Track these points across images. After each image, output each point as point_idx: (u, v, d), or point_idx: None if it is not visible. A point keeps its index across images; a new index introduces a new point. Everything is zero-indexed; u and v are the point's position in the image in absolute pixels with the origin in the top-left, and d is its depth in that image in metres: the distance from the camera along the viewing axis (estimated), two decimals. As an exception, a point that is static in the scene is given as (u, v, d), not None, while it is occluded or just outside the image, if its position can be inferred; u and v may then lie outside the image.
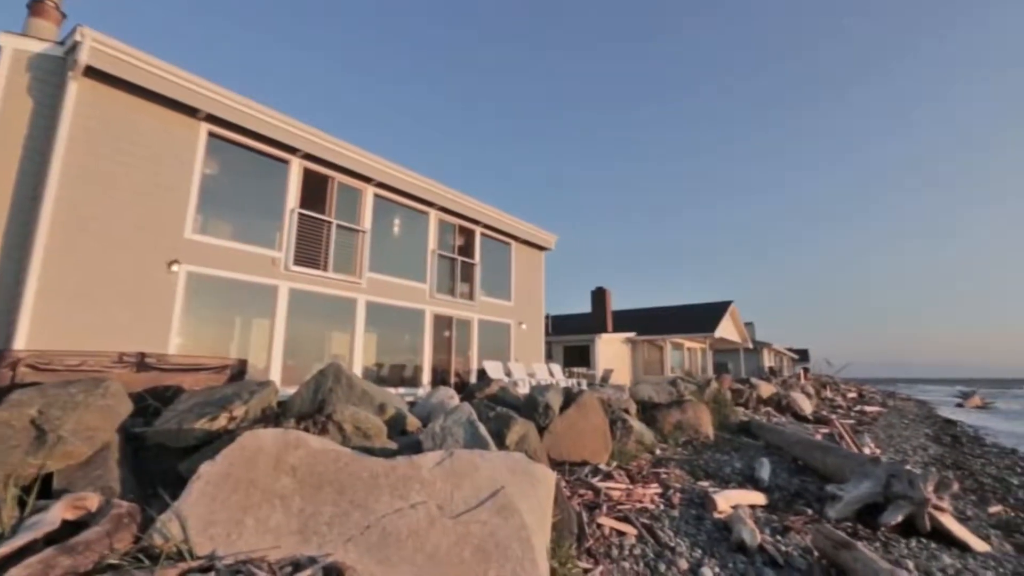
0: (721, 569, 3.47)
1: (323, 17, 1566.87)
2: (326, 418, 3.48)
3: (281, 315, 9.45)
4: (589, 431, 5.49)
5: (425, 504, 2.77)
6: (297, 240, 9.80)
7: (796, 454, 7.29)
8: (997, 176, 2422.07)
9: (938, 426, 17.97)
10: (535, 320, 16.07)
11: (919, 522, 4.56)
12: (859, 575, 3.29)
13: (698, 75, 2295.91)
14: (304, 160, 10.16)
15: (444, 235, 13.62)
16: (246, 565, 2.43)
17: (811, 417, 13.31)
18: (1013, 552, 4.54)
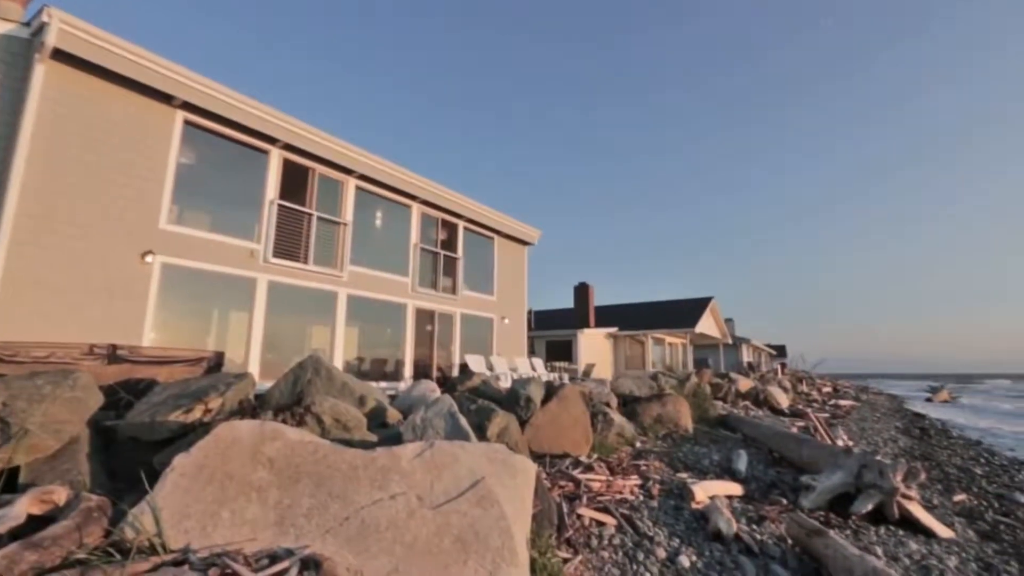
0: (698, 557, 3.53)
1: (301, 9, 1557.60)
2: (304, 410, 3.43)
3: (260, 308, 9.30)
4: (570, 424, 5.52)
5: (405, 495, 2.75)
6: (277, 232, 9.63)
7: (772, 446, 7.44)
8: (962, 176, 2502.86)
9: (908, 419, 18.53)
10: (518, 315, 16.09)
11: (888, 510, 4.70)
12: (830, 561, 3.37)
13: (674, 73, 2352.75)
14: (284, 151, 9.98)
15: (427, 229, 13.53)
16: (221, 558, 2.39)
17: (787, 411, 13.61)
18: (976, 538, 4.71)
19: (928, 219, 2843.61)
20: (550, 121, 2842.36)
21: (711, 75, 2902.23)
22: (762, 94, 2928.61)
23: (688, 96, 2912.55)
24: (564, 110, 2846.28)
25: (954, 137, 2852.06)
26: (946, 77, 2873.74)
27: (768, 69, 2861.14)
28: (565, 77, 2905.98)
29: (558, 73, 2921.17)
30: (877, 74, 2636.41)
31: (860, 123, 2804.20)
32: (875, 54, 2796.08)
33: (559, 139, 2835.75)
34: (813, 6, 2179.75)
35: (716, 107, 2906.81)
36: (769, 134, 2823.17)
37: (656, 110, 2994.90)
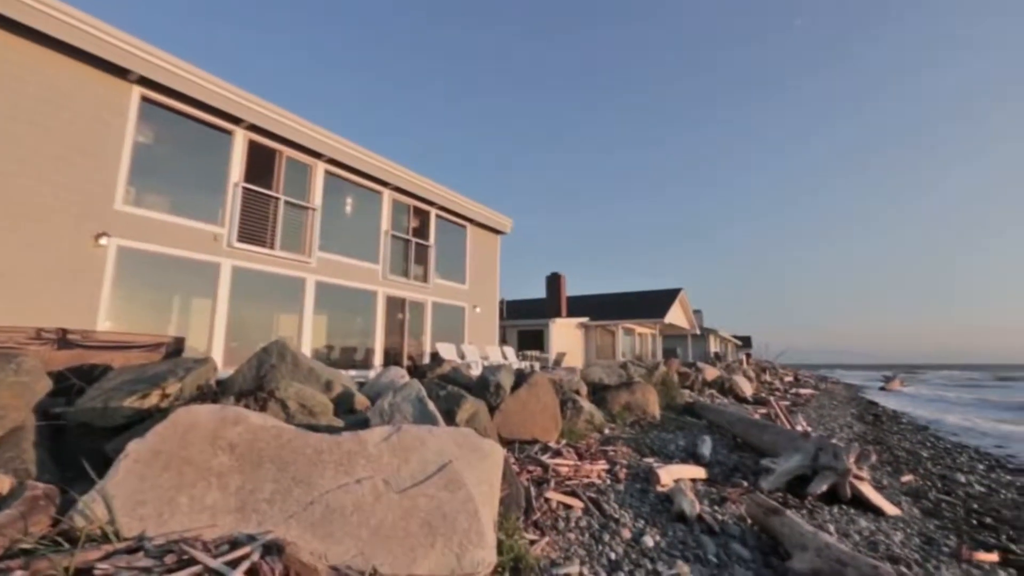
0: (661, 537, 3.62)
1: None
2: (268, 395, 3.35)
3: (224, 294, 9.01)
4: (539, 410, 5.56)
5: (371, 479, 2.72)
6: (242, 216, 9.33)
7: (736, 432, 7.67)
8: (925, 174, 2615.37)
9: (862, 407, 19.40)
10: (490, 303, 16.07)
11: (841, 491, 4.92)
12: (786, 538, 3.50)
13: (649, 68, 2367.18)
14: (249, 132, 9.64)
15: (398, 216, 13.34)
16: (179, 544, 2.32)
17: (751, 399, 14.04)
18: (920, 515, 4.98)
19: (884, 218, 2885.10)
20: (524, 112, 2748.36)
21: (681, 73, 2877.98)
22: (728, 92, 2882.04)
23: (660, 91, 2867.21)
24: (538, 101, 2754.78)
25: (916, 135, 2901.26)
26: (910, 73, 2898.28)
27: (736, 66, 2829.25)
28: (541, 70, 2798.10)
29: (533, 65, 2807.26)
30: (844, 70, 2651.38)
31: (818, 123, 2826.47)
32: (842, 51, 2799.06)
33: (534, 130, 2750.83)
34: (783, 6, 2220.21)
35: (688, 103, 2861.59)
36: (738, 130, 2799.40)
37: (624, 107, 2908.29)
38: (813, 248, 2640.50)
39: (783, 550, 3.52)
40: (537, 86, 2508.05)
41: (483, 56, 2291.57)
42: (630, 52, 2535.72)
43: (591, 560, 3.14)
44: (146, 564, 2.17)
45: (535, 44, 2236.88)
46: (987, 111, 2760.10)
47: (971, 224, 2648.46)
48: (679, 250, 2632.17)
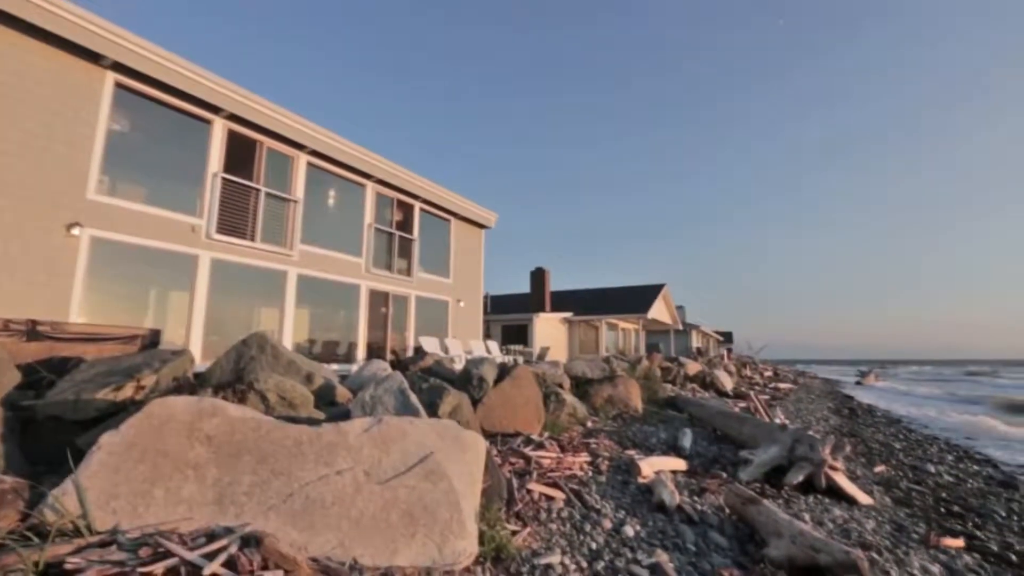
0: (642, 527, 3.66)
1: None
2: (247, 387, 3.30)
3: (202, 287, 8.85)
4: (522, 403, 5.57)
5: (352, 470, 2.71)
6: (221, 207, 9.15)
7: (716, 425, 7.79)
8: (892, 170, 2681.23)
9: (839, 400, 19.85)
10: (474, 298, 16.05)
11: (817, 481, 5.03)
12: (763, 526, 3.57)
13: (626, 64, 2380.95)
14: (229, 121, 9.45)
15: (382, 209, 13.22)
16: (153, 537, 2.28)
17: (731, 393, 14.26)
18: (891, 504, 5.12)
19: (856, 216, 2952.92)
20: (505, 107, 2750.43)
21: (651, 72, 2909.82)
22: (709, 87, 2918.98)
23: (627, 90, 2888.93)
24: (520, 96, 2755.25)
25: (892, 131, 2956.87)
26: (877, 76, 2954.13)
27: (718, 63, 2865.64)
28: (522, 63, 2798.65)
29: (516, 59, 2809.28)
30: (822, 66, 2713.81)
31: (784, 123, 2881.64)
32: (819, 47, 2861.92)
33: (513, 126, 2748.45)
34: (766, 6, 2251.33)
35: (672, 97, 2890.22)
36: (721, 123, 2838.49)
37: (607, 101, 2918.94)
38: (792, 246, 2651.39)
39: (759, 538, 3.59)
40: (519, 78, 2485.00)
41: (464, 48, 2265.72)
42: (612, 45, 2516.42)
43: (572, 550, 3.17)
44: (119, 557, 2.13)
45: (518, 36, 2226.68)
46: (950, 113, 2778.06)
47: (936, 224, 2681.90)
48: (662, 246, 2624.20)
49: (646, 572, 2.98)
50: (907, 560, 3.56)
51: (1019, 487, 6.80)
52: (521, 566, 2.81)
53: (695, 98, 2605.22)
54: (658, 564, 3.08)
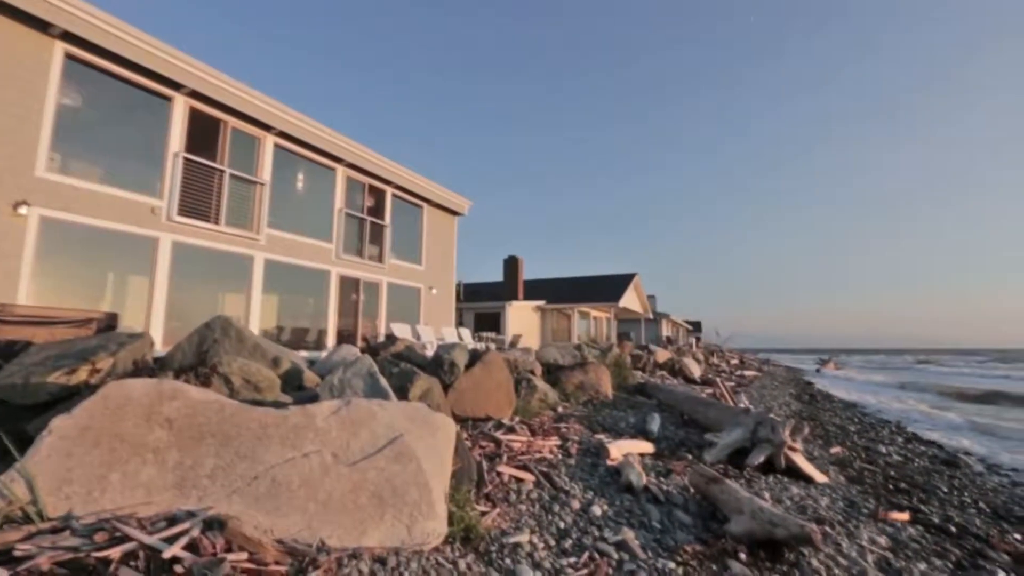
0: (609, 507, 3.74)
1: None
2: (210, 370, 3.20)
3: (163, 271, 8.53)
4: (494, 388, 5.59)
5: (319, 453, 2.67)
6: (183, 188, 8.81)
7: (684, 410, 7.98)
8: (856, 164, 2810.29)
9: (800, 387, 20.64)
10: (446, 285, 15.96)
11: (777, 461, 5.22)
12: (725, 504, 3.70)
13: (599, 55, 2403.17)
14: (191, 99, 9.07)
15: (352, 194, 12.96)
16: (110, 522, 2.21)
17: (699, 380, 14.63)
18: (845, 482, 5.37)
19: (814, 208, 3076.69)
20: (479, 95, 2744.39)
21: (625, 62, 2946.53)
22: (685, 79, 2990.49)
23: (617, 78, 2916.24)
24: (493, 84, 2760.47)
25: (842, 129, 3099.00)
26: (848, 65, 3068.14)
27: (694, 55, 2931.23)
28: (499, 51, 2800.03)
29: (492, 47, 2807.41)
30: (793, 54, 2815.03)
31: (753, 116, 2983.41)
32: (793, 39, 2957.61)
33: (489, 113, 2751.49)
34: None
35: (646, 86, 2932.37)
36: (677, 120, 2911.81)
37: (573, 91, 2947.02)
38: (758, 239, 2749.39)
39: (722, 515, 3.72)
40: (495, 67, 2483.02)
41: (438, 35, 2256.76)
42: (589, 35, 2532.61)
43: (541, 529, 3.21)
44: (73, 543, 2.06)
45: (494, 23, 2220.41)
46: (912, 111, 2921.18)
47: (881, 222, 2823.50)
48: (634, 236, 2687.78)
49: (612, 548, 3.06)
50: (857, 533, 3.75)
51: (960, 466, 7.23)
52: (490, 545, 2.84)
53: (661, 94, 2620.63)
54: (624, 541, 3.16)
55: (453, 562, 2.57)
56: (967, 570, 3.43)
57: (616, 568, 2.85)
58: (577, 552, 2.97)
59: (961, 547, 3.83)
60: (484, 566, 2.63)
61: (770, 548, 3.21)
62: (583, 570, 2.75)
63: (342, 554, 2.38)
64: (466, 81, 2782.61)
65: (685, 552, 3.14)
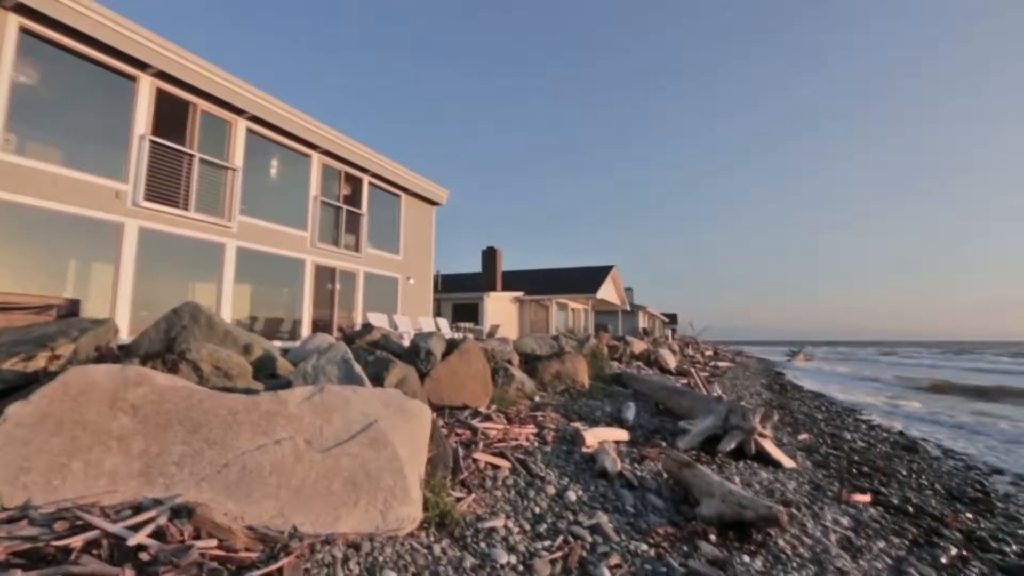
0: (584, 492, 3.79)
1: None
2: (178, 356, 3.11)
3: (129, 257, 8.24)
4: (470, 377, 5.59)
5: (292, 439, 2.63)
6: (149, 172, 8.50)
7: (659, 399, 8.12)
8: (823, 157, 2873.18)
9: (771, 377, 21.19)
10: (424, 275, 15.84)
11: (747, 447, 5.36)
12: (696, 488, 3.78)
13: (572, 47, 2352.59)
14: (158, 79, 8.74)
15: (328, 181, 12.71)
16: (71, 511, 2.14)
17: (674, 370, 14.88)
18: (811, 467, 5.55)
19: (783, 203, 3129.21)
20: (456, 91, 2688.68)
21: (602, 54, 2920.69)
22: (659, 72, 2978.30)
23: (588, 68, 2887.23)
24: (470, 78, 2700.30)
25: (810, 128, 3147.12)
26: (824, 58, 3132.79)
27: (670, 46, 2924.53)
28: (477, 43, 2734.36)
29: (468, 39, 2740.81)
30: (774, 50, 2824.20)
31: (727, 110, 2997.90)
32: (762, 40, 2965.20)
33: (465, 107, 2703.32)
34: None
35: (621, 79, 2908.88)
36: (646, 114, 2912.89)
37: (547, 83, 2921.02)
38: (732, 234, 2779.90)
39: (693, 499, 3.80)
40: (470, 57, 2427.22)
41: (411, 24, 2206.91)
42: (565, 26, 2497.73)
43: (516, 514, 3.24)
44: (31, 532, 1.99)
45: (466, 12, 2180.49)
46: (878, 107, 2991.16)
47: (842, 219, 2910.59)
48: (612, 229, 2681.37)
49: (587, 532, 3.10)
50: (822, 514, 3.89)
51: (919, 451, 7.54)
52: (465, 530, 2.85)
53: (640, 86, 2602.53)
54: (598, 524, 3.21)
55: (428, 547, 2.57)
56: (923, 547, 3.59)
57: (590, 551, 2.89)
58: (552, 536, 3.00)
59: (918, 526, 4.00)
60: (459, 550, 2.63)
61: (739, 529, 3.30)
62: (557, 553, 2.78)
63: (315, 540, 2.35)
64: (444, 71, 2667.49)
65: (657, 534, 3.20)
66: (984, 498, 5.20)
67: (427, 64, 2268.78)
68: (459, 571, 2.44)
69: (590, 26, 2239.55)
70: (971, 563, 3.45)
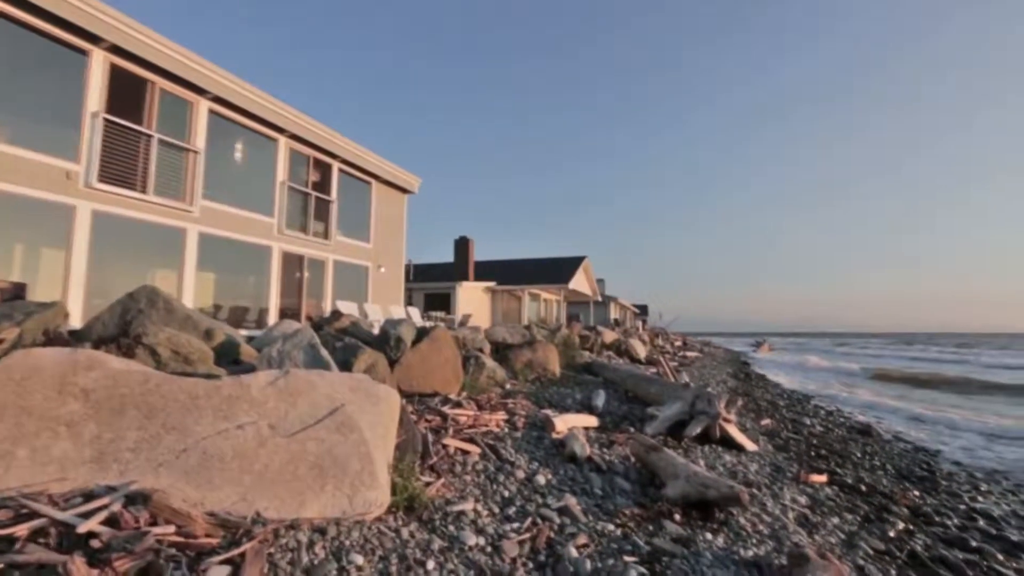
0: (553, 476, 3.83)
1: None
2: (134, 340, 2.98)
3: (81, 242, 7.85)
4: (441, 364, 5.56)
5: (255, 424, 2.57)
6: (104, 152, 8.09)
7: (628, 386, 8.25)
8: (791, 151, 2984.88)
9: (737, 366, 21.83)
10: (395, 264, 15.64)
11: (712, 432, 5.51)
12: (662, 470, 3.87)
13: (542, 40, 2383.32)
14: (111, 54, 8.30)
15: (296, 167, 12.37)
16: (15, 499, 2.04)
17: (644, 360, 15.13)
18: (773, 450, 5.75)
19: (746, 195, 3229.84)
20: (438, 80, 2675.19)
21: (576, 44, 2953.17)
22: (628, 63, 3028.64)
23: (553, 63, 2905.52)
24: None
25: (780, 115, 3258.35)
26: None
27: (637, 37, 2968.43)
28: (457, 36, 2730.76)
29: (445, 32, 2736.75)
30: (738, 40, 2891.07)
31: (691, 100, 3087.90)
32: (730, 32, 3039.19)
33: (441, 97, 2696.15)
34: None
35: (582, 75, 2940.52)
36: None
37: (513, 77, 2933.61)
38: (700, 228, 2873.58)
39: (659, 481, 3.89)
40: (442, 46, 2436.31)
41: (382, 12, 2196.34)
42: (536, 17, 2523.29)
43: (486, 498, 3.25)
44: (-28, 521, 1.89)
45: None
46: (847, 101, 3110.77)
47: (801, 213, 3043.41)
48: (585, 220, 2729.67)
49: (555, 514, 3.13)
50: (781, 494, 4.03)
51: (872, 435, 7.90)
52: (434, 513, 2.84)
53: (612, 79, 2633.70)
54: (566, 506, 3.25)
55: (396, 530, 2.55)
56: (873, 523, 3.77)
57: (558, 532, 2.93)
58: (520, 518, 3.02)
59: (869, 503, 4.20)
60: (427, 533, 2.63)
61: (703, 509, 3.39)
62: (526, 534, 2.80)
63: (279, 525, 2.31)
64: (417, 61, 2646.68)
65: (624, 515, 3.26)
66: (930, 477, 5.50)
67: (391, 51, 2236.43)
68: (427, 553, 2.43)
69: (570, 19, 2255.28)
70: (916, 536, 3.64)
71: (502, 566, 2.47)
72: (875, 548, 3.33)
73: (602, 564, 2.60)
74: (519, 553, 2.63)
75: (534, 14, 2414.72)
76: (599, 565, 2.59)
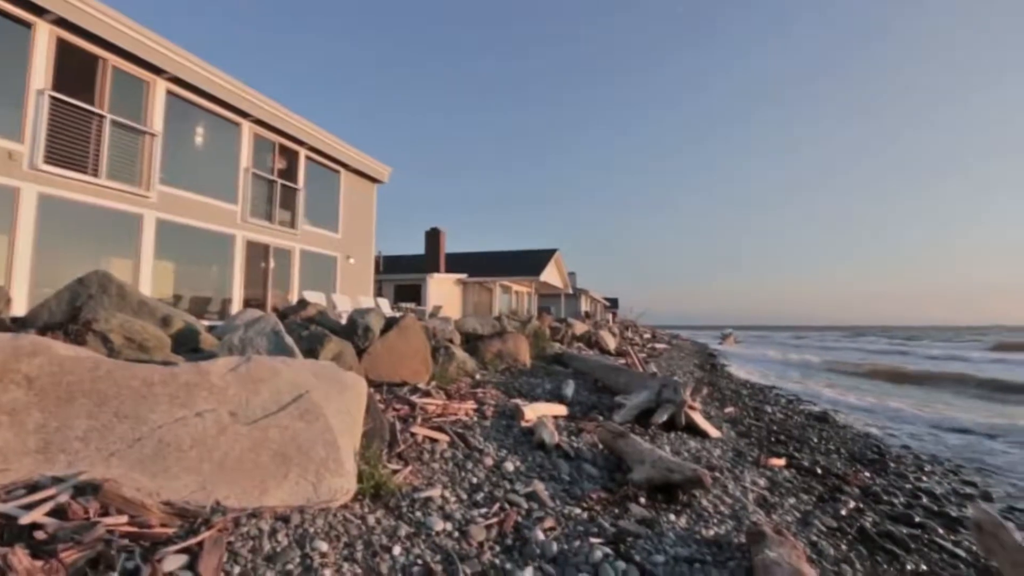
0: (522, 463, 3.85)
1: None
2: (84, 327, 2.84)
3: (26, 227, 7.44)
4: (410, 353, 5.51)
5: (215, 411, 2.49)
6: (50, 132, 7.67)
7: (598, 376, 8.36)
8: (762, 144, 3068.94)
9: (703, 358, 22.42)
10: (364, 254, 15.38)
11: (678, 419, 5.64)
12: (629, 456, 3.94)
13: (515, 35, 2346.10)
14: (57, 27, 7.84)
15: (261, 153, 11.99)
16: (-51, 493, 1.92)
17: (614, 352, 15.36)
18: (735, 436, 5.94)
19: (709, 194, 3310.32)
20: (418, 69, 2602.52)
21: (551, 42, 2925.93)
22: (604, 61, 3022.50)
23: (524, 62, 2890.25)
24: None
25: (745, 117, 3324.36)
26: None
27: (614, 37, 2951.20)
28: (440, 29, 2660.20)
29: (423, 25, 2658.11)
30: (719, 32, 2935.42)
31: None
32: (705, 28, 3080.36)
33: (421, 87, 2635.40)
34: None
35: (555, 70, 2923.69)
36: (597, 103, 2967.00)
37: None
38: (668, 223, 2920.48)
39: (626, 466, 3.96)
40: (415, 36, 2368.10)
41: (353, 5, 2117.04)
42: (515, 12, 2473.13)
43: (454, 485, 3.24)
44: (-100, 515, 1.77)
45: None
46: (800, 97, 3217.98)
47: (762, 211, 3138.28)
48: (556, 213, 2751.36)
49: (523, 499, 3.16)
50: (742, 477, 4.17)
51: (829, 421, 8.24)
52: (401, 500, 2.82)
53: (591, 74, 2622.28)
54: (534, 492, 3.27)
55: (362, 517, 2.52)
56: (827, 502, 3.94)
57: (525, 516, 2.95)
58: (488, 503, 3.03)
59: (824, 484, 4.39)
60: (394, 520, 2.61)
61: (667, 492, 3.47)
62: (493, 519, 2.81)
63: (240, 514, 2.25)
64: (392, 52, 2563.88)
65: (591, 499, 3.31)
66: (880, 459, 5.78)
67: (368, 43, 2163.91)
68: (393, 539, 2.41)
69: (546, 15, 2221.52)
70: (866, 513, 3.82)
71: (469, 550, 2.48)
72: (828, 525, 3.48)
73: (568, 546, 2.63)
74: (486, 537, 2.63)
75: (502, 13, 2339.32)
76: (565, 547, 2.62)
